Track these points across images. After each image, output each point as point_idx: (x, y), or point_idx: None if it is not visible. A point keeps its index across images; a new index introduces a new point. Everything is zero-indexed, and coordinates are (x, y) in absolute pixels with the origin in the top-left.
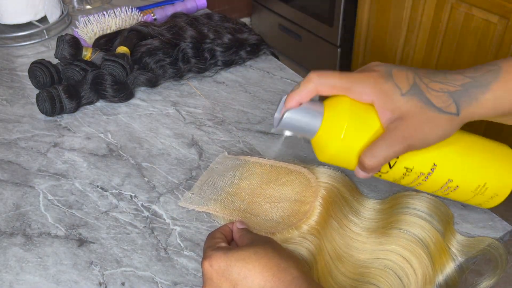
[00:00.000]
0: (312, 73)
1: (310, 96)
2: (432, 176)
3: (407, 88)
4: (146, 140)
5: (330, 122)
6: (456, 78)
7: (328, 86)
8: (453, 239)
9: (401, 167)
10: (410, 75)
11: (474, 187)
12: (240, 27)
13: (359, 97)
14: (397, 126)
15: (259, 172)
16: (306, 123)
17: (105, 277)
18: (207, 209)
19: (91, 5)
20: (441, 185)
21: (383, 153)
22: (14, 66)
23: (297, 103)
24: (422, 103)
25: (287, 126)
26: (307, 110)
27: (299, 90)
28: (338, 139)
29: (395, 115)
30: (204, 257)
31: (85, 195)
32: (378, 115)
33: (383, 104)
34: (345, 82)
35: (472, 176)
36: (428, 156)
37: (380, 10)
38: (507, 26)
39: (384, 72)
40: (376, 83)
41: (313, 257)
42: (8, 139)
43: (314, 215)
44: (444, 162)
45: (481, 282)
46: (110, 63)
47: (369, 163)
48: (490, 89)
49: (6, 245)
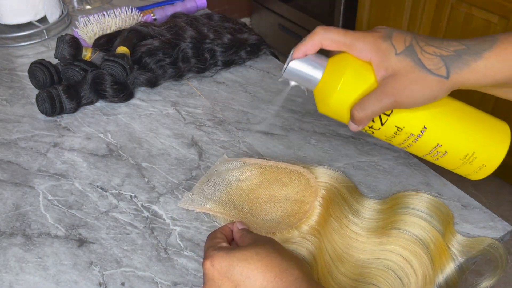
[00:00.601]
0: (318, 27)
1: (315, 48)
2: (422, 138)
3: (402, 48)
4: (146, 140)
5: (330, 75)
6: (451, 44)
7: (331, 40)
8: (453, 239)
9: (392, 125)
10: (408, 38)
11: (462, 155)
12: (240, 27)
13: (359, 54)
14: (388, 82)
15: (258, 173)
16: (308, 74)
17: (105, 277)
18: (207, 210)
19: (91, 5)
20: (431, 149)
21: (372, 106)
22: (14, 66)
23: (303, 54)
24: (414, 63)
25: (291, 75)
26: (311, 62)
27: (305, 42)
28: (334, 91)
29: (388, 73)
30: (205, 257)
31: (85, 195)
32: (375, 72)
33: (379, 62)
34: (348, 38)
35: (461, 143)
36: (419, 117)
37: (380, 10)
38: (507, 26)
39: (384, 33)
40: (375, 42)
41: (313, 257)
42: (8, 139)
43: (314, 215)
44: (434, 126)
45: (481, 282)
46: (110, 63)
47: (358, 114)
48: (483, 57)
49: (6, 245)
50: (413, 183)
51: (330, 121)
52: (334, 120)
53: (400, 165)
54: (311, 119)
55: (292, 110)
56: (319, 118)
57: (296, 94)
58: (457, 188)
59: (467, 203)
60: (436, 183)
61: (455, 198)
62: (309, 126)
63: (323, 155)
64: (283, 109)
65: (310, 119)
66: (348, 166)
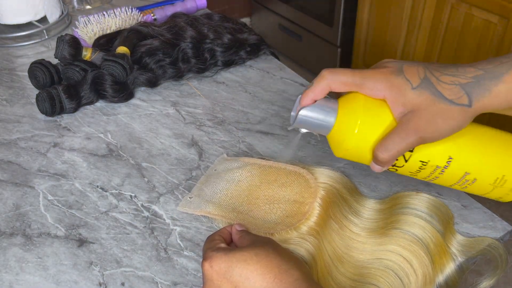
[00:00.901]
0: (324, 70)
1: (324, 93)
2: (448, 169)
3: (418, 82)
4: (146, 140)
5: (344, 118)
6: (467, 70)
7: (340, 83)
8: (453, 239)
9: (417, 161)
10: (421, 70)
11: (492, 180)
12: (240, 27)
13: (371, 93)
14: (409, 119)
15: (257, 173)
16: (321, 120)
17: (105, 277)
18: (206, 213)
19: (91, 5)
20: (459, 178)
21: (396, 146)
22: (14, 66)
23: (311, 100)
24: (434, 96)
25: (303, 123)
26: (322, 107)
27: (313, 87)
28: (352, 134)
29: (407, 109)
30: (204, 258)
31: (85, 195)
32: (391, 109)
33: (395, 98)
34: (357, 78)
35: (490, 168)
36: (443, 148)
37: (380, 10)
38: (507, 26)
39: (395, 68)
40: (387, 78)
41: (312, 258)
42: (8, 139)
43: (313, 216)
44: (459, 155)
45: (481, 282)
46: (110, 63)
47: (382, 156)
48: (503, 81)
49: (6, 245)
50: (413, 183)
51: None
52: None
53: None
54: None
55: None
56: None
57: (296, 94)
58: None
59: (467, 203)
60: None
61: (455, 198)
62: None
63: (323, 155)
64: (283, 109)
65: None
66: (348, 166)
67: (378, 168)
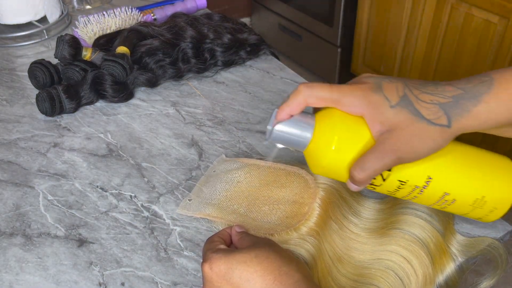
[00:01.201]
0: (301, 85)
1: (300, 108)
2: (427, 189)
3: (397, 100)
4: (146, 140)
5: (320, 134)
6: (446, 89)
7: (317, 98)
8: (453, 239)
9: (395, 180)
10: (400, 87)
11: (471, 201)
12: (240, 27)
13: (348, 109)
14: (387, 138)
15: (257, 175)
16: (296, 136)
17: (105, 277)
18: (205, 215)
19: (91, 5)
20: (438, 198)
21: (372, 165)
22: (14, 66)
23: (287, 115)
24: (412, 115)
25: (278, 139)
26: (298, 123)
27: (289, 102)
28: (329, 151)
29: (385, 127)
30: (204, 260)
31: (85, 195)
32: (369, 127)
33: (373, 116)
34: (335, 94)
35: (469, 189)
36: (422, 168)
37: (380, 10)
38: (507, 26)
39: (373, 84)
40: (365, 95)
41: (312, 259)
42: (8, 139)
43: (313, 217)
44: (439, 175)
45: (481, 282)
46: (110, 63)
47: (358, 176)
48: (482, 101)
49: (6, 245)
50: None
51: None
52: None
53: None
54: None
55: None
56: None
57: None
58: None
59: None
60: None
61: None
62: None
63: None
64: None
65: None
66: None
67: (354, 187)
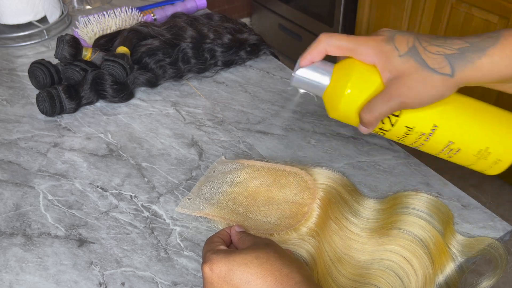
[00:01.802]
0: (322, 34)
1: (321, 56)
2: (433, 137)
3: (405, 50)
4: (146, 140)
5: (337, 79)
6: (454, 42)
7: (335, 46)
8: (453, 239)
9: (402, 126)
10: (410, 39)
11: (475, 151)
12: (240, 27)
13: (363, 58)
14: (393, 84)
15: (256, 175)
16: (316, 80)
17: (105, 277)
18: (205, 214)
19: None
20: (443, 147)
21: (379, 108)
22: (14, 66)
23: (309, 62)
24: (418, 64)
25: (299, 83)
26: (317, 69)
27: (310, 50)
28: (343, 95)
29: (393, 75)
30: (204, 261)
31: (85, 195)
32: (380, 74)
33: (383, 64)
34: (351, 43)
35: (473, 139)
36: (428, 116)
37: (380, 10)
38: (507, 26)
39: (387, 36)
40: (378, 45)
41: (312, 259)
42: (8, 139)
43: (313, 217)
44: (444, 123)
45: (481, 282)
46: (110, 63)
47: (366, 117)
48: (487, 54)
49: (6, 245)
50: (413, 183)
51: (330, 121)
52: (334, 120)
53: (400, 165)
54: (311, 119)
55: (292, 110)
56: (319, 118)
57: (296, 94)
58: (457, 188)
59: (467, 203)
60: (436, 183)
61: (455, 198)
62: (309, 126)
63: (323, 155)
64: (283, 109)
65: (310, 119)
66: (348, 166)
67: (364, 129)
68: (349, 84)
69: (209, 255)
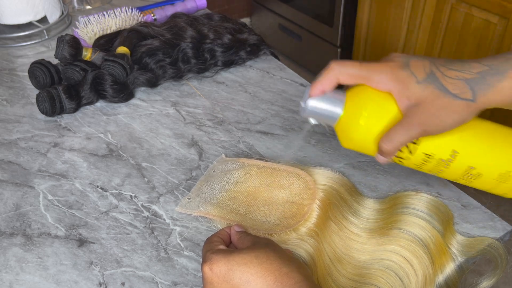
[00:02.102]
0: (333, 62)
1: (332, 85)
2: (453, 163)
3: (424, 76)
4: (146, 140)
5: (351, 109)
6: (473, 66)
7: (347, 75)
8: (453, 239)
9: (421, 153)
10: (426, 64)
11: (496, 175)
12: (240, 27)
13: (377, 86)
14: (414, 112)
15: (256, 175)
16: (328, 111)
17: (105, 277)
18: (205, 214)
19: (91, 5)
20: (463, 172)
21: (399, 137)
22: (14, 66)
23: (320, 92)
24: (438, 90)
25: (311, 114)
26: (329, 99)
27: (321, 79)
28: (358, 125)
29: (411, 102)
30: (204, 261)
31: (85, 195)
32: (397, 102)
33: (400, 91)
34: (364, 71)
35: (494, 163)
36: (448, 142)
37: (380, 10)
38: (507, 26)
39: (401, 62)
40: (393, 72)
41: (311, 259)
42: (8, 139)
43: (312, 218)
44: (464, 149)
45: (481, 282)
46: (110, 63)
47: (385, 147)
48: (507, 77)
49: (6, 245)
50: (413, 183)
51: None
52: None
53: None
54: None
55: (292, 110)
56: None
57: (296, 94)
58: (457, 188)
59: (467, 203)
60: (436, 183)
61: (455, 198)
62: (309, 126)
63: (323, 155)
64: (283, 109)
65: None
66: (348, 166)
67: (382, 159)
68: (365, 113)
69: (209, 254)
